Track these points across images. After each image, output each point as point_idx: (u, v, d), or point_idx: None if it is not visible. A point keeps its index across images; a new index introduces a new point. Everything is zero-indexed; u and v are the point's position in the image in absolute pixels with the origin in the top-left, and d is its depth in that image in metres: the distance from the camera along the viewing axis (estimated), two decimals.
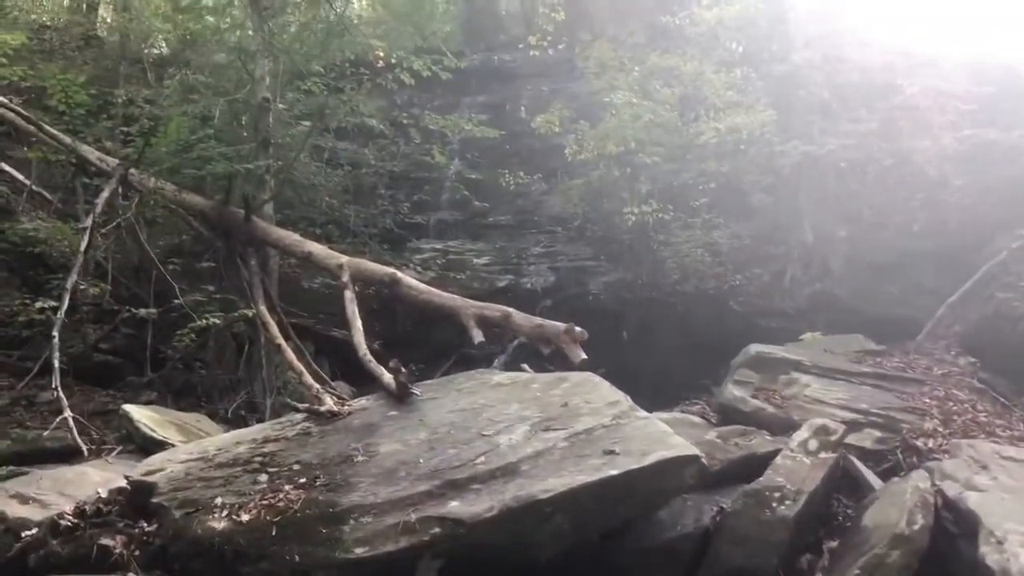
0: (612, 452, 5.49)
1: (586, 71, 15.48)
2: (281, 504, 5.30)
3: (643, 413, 6.21)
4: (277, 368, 10.69)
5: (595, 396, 6.50)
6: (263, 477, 5.76)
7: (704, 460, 5.64)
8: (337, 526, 5.07)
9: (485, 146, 18.22)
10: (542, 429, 5.95)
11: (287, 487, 5.53)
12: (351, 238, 12.50)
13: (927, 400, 8.20)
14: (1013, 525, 5.31)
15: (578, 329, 7.67)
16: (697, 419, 8.67)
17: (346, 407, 7.01)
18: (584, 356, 7.53)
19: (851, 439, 7.30)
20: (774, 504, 5.85)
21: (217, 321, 9.00)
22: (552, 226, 15.94)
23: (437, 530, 4.96)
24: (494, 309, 8.25)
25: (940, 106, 12.13)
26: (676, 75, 13.98)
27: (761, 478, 6.12)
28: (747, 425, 8.00)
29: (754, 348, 9.17)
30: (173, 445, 7.32)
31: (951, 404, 8.14)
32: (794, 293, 12.62)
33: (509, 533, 5.06)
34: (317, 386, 8.33)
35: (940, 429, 7.56)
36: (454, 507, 5.08)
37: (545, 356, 8.18)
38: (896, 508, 5.85)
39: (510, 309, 8.18)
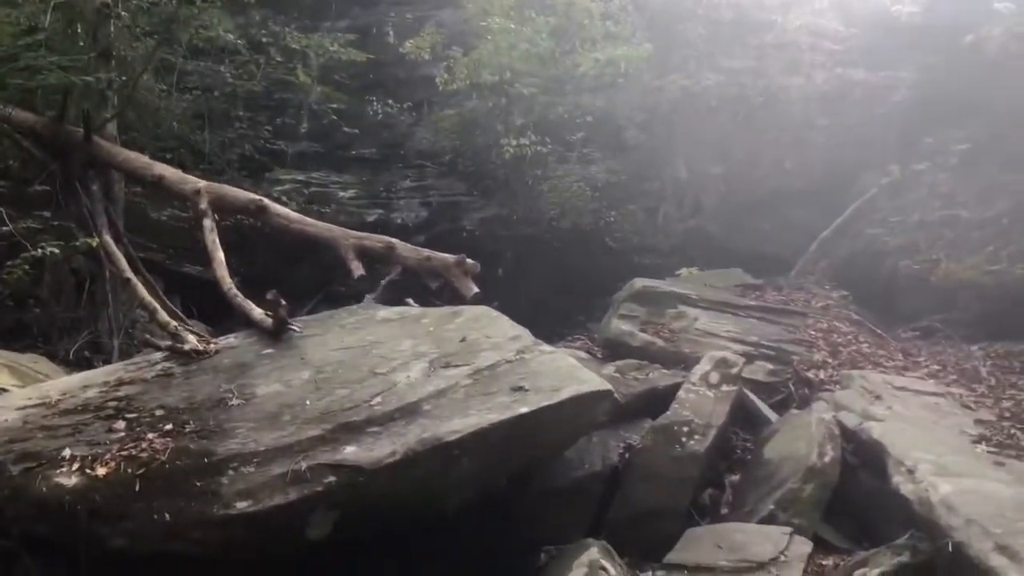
0: (521, 388, 5.02)
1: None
2: (144, 455, 4.53)
3: (548, 347, 5.77)
4: (125, 306, 9.62)
5: (494, 330, 5.99)
6: (120, 424, 4.95)
7: (619, 396, 5.21)
8: (214, 477, 4.37)
9: (349, 74, 17.10)
10: (441, 366, 5.40)
11: (150, 435, 4.75)
12: (205, 164, 11.33)
13: (812, 332, 8.17)
14: (920, 454, 5.21)
15: (470, 261, 7.16)
16: (583, 354, 8.34)
17: (212, 345, 6.22)
18: (477, 289, 7.03)
19: (744, 372, 7.12)
20: (683, 439, 5.58)
21: (55, 251, 7.87)
22: (422, 160, 15.14)
23: (332, 479, 4.34)
24: (376, 240, 7.59)
25: (811, 45, 12.14)
26: (549, 4, 13.41)
27: (668, 412, 5.84)
28: (637, 359, 7.73)
29: (639, 282, 8.89)
30: (6, 390, 6.30)
31: (835, 336, 8.14)
32: (668, 229, 12.49)
33: (413, 480, 4.50)
34: (174, 323, 7.41)
35: (829, 360, 7.52)
36: (350, 453, 4.47)
37: (431, 292, 7.61)
38: (803, 441, 5.68)
39: (394, 240, 7.55)
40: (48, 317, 9.34)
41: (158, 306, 7.90)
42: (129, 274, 8.30)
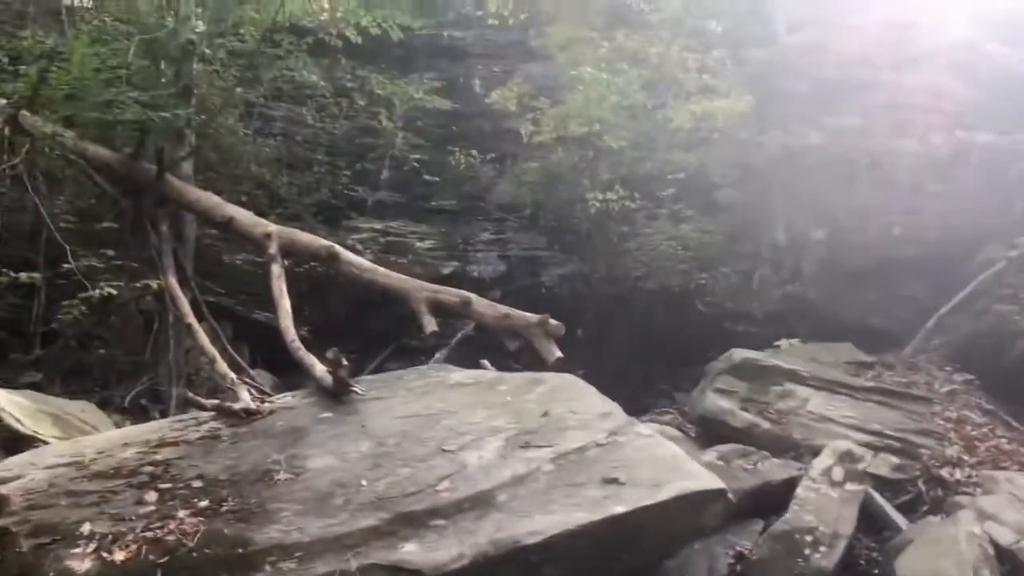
0: (615, 481, 4.17)
1: (545, 50, 14.15)
2: (171, 538, 3.82)
3: (645, 428, 4.92)
4: (189, 352, 9.12)
5: (581, 404, 5.18)
6: (151, 496, 4.26)
7: (731, 495, 4.31)
8: (247, 574, 3.61)
9: (433, 124, 16.78)
10: (520, 445, 4.59)
11: (182, 512, 4.05)
12: (282, 208, 10.85)
13: (940, 422, 7.11)
14: None
15: (553, 321, 6.37)
16: (674, 431, 7.45)
17: (267, 404, 5.54)
18: (560, 354, 6.23)
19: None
20: (807, 551, 4.64)
21: (113, 291, 7.36)
22: (502, 213, 14.53)
23: None
24: (451, 294, 6.87)
25: (927, 106, 11.16)
26: (642, 58, 12.77)
27: (787, 515, 4.89)
28: (736, 442, 6.82)
29: (739, 353, 7.96)
30: (44, 443, 5.71)
31: (968, 428, 7.06)
32: (764, 295, 11.48)
33: None
34: (232, 375, 6.83)
35: (964, 457, 6.46)
36: (410, 552, 3.68)
37: (509, 354, 6.86)
38: (950, 560, 4.68)
39: (471, 295, 6.82)
40: (109, 360, 8.85)
41: (217, 355, 7.37)
42: (191, 319, 7.81)
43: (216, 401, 5.41)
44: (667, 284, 11.49)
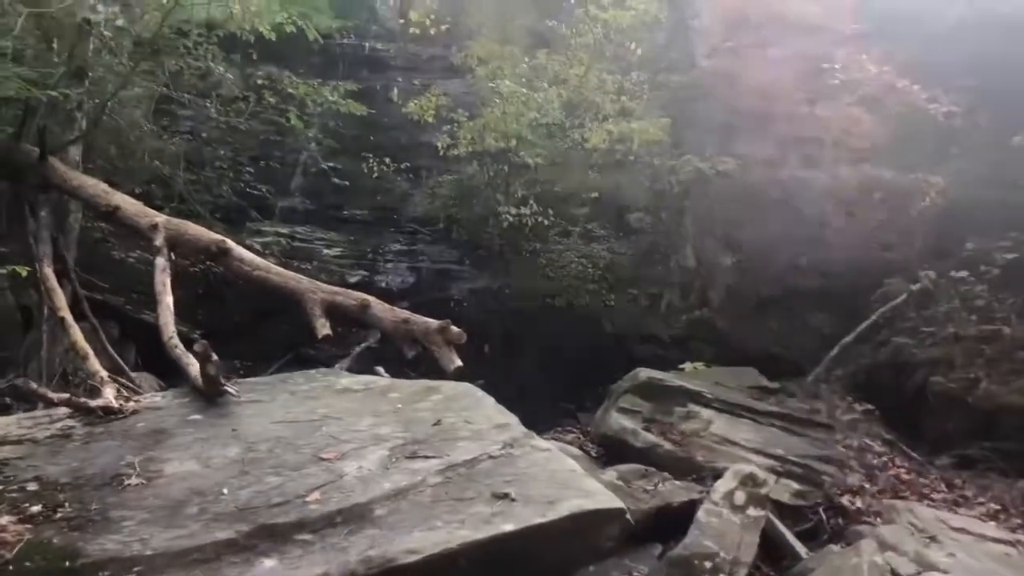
0: (506, 496, 3.77)
1: (466, 65, 13.82)
2: None
3: (543, 442, 4.53)
4: (68, 351, 8.38)
5: (477, 414, 4.76)
6: None
7: (629, 517, 3.95)
8: None
9: (347, 135, 16.32)
10: (406, 456, 4.15)
11: (5, 518, 3.46)
12: (178, 204, 10.15)
13: (842, 449, 6.95)
14: None
15: (454, 328, 5.96)
16: (575, 450, 7.10)
17: (131, 403, 4.95)
18: (459, 363, 5.82)
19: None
20: None
21: None
22: (415, 226, 14.12)
23: None
24: (349, 296, 6.40)
25: (836, 140, 11.24)
26: (562, 79, 12.57)
27: (686, 540, 4.56)
28: (638, 463, 6.51)
29: (644, 373, 7.68)
30: None
31: (869, 456, 6.93)
32: (671, 319, 11.35)
33: None
34: (103, 373, 6.18)
35: (866, 486, 6.28)
36: (268, 569, 3.20)
37: (406, 363, 6.42)
38: None
39: (370, 297, 6.36)
40: None
41: (90, 352, 6.69)
42: (64, 312, 7.12)
43: (66, 395, 4.80)
44: (576, 303, 11.25)
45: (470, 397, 5.05)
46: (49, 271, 7.46)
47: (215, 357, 4.72)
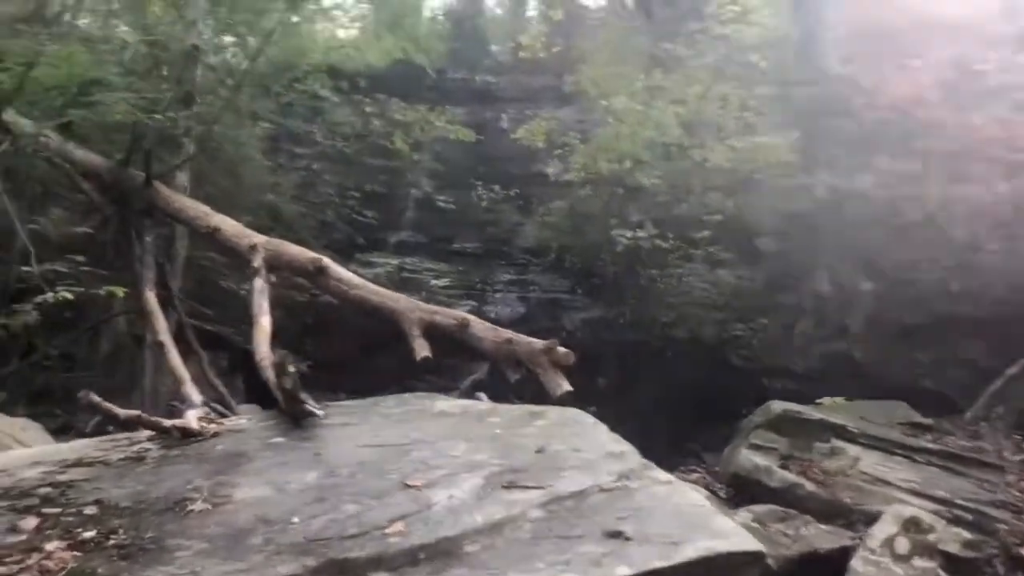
0: (620, 535, 3.16)
1: (578, 87, 13.44)
2: (26, 575, 2.87)
3: (664, 474, 3.89)
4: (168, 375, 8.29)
5: (587, 442, 4.17)
6: (29, 522, 3.32)
7: (771, 561, 3.26)
8: None
9: (458, 166, 16.21)
10: (503, 485, 3.60)
11: (54, 543, 3.10)
12: (284, 231, 10.04)
13: (1017, 493, 5.95)
14: None
15: (562, 348, 5.41)
16: (702, 491, 6.36)
17: (212, 426, 4.60)
18: (569, 388, 5.25)
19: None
20: None
21: (67, 295, 6.50)
22: (527, 256, 13.73)
23: None
24: (448, 315, 5.95)
25: (991, 151, 10.17)
26: (680, 99, 11.97)
27: None
28: (773, 504, 5.75)
29: (778, 405, 6.91)
30: None
31: None
32: (806, 351, 10.43)
33: None
34: (198, 397, 5.94)
35: None
36: None
37: (512, 391, 5.90)
38: None
39: (469, 316, 5.88)
40: (83, 381, 7.99)
41: (187, 377, 6.47)
42: (163, 336, 6.96)
43: (136, 412, 4.49)
44: (699, 333, 10.50)
45: (579, 423, 4.46)
46: (151, 295, 7.35)
47: (292, 369, 4.33)
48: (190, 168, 8.81)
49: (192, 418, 4.63)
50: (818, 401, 8.92)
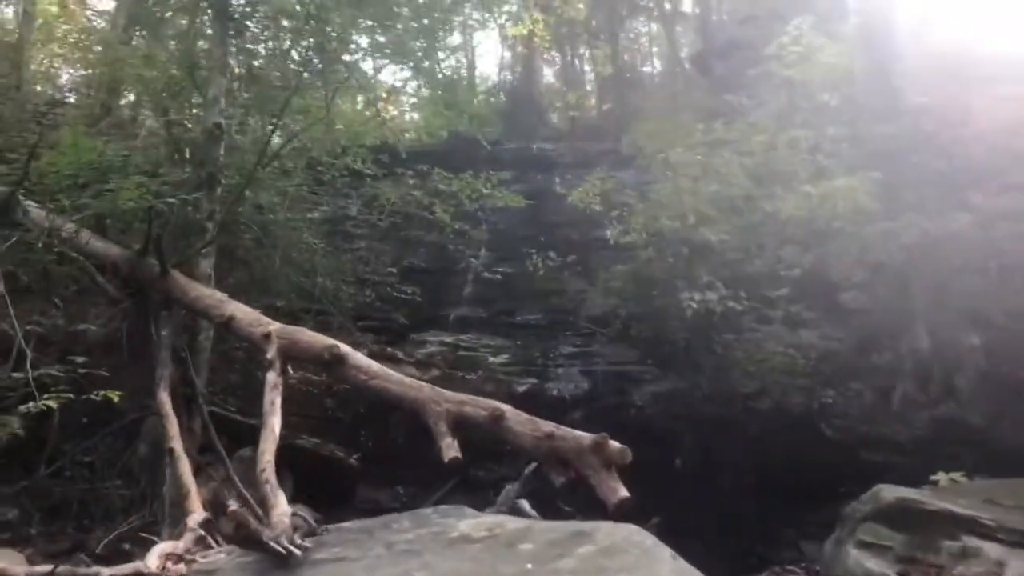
0: None
1: (635, 153, 12.43)
2: None
3: None
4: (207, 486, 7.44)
5: (645, 574, 3.06)
6: None
7: None
8: None
9: (517, 235, 15.36)
10: None
11: None
12: (321, 315, 9.21)
13: None
14: None
15: (615, 444, 4.31)
16: None
17: (178, 566, 3.65)
18: (626, 494, 4.14)
19: None
20: None
21: (50, 405, 5.66)
22: (591, 326, 12.64)
23: None
24: (479, 405, 4.93)
25: None
26: (744, 150, 10.89)
27: None
28: None
29: (889, 492, 5.60)
30: None
31: None
32: (909, 417, 9.02)
33: None
34: (197, 517, 5.04)
35: None
36: None
37: (556, 493, 4.81)
38: None
39: (504, 406, 4.83)
40: (103, 494, 7.22)
41: (193, 490, 5.61)
42: (174, 443, 6.15)
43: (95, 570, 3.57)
44: (785, 403, 9.21)
45: (636, 549, 3.36)
46: (165, 396, 6.56)
47: (291, 512, 3.38)
48: (217, 254, 8.12)
49: (153, 559, 3.69)
50: (933, 479, 7.52)
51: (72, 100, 12.75)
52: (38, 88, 12.60)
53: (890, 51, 9.99)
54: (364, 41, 10.47)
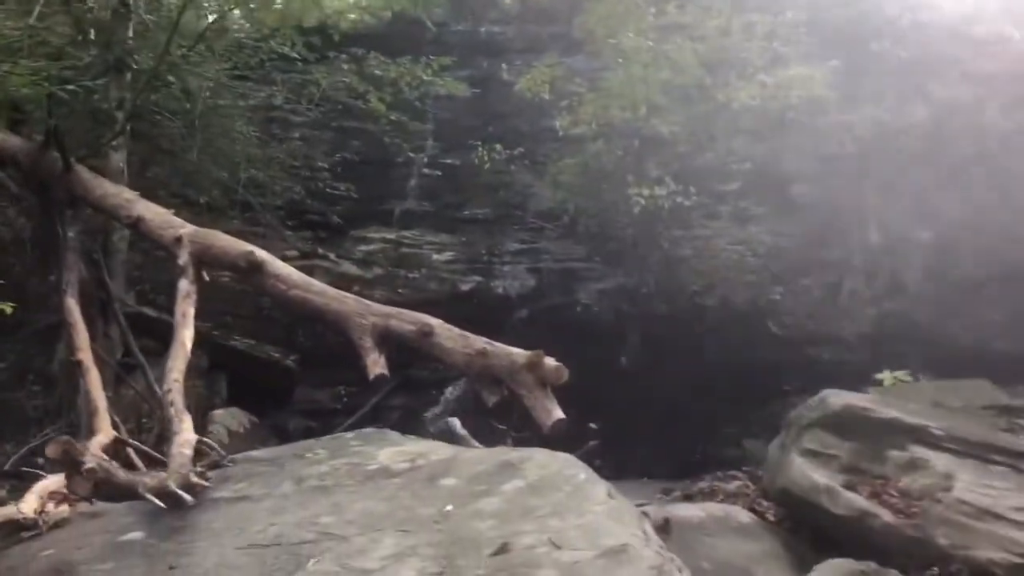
0: None
1: (587, 38, 11.69)
2: None
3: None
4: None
5: (574, 522, 2.73)
6: None
7: None
8: None
9: (462, 126, 14.63)
10: None
11: None
12: (240, 211, 8.54)
13: None
14: None
15: (551, 362, 3.95)
16: (745, 517, 4.94)
17: (58, 509, 3.24)
18: (561, 415, 3.81)
19: None
20: None
21: None
22: (541, 221, 12.16)
23: None
24: (405, 319, 4.49)
25: None
26: (698, 35, 10.25)
27: None
28: (838, 534, 4.33)
29: (835, 398, 5.35)
30: None
31: None
32: (856, 313, 8.85)
33: None
34: (100, 441, 4.62)
35: None
36: None
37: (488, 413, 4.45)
38: None
39: (433, 320, 4.41)
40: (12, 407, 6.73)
41: (101, 407, 5.16)
42: (83, 354, 5.65)
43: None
44: (732, 300, 8.96)
45: (568, 485, 3.02)
46: (72, 303, 6.00)
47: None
48: (137, 145, 7.43)
49: (31, 500, 3.26)
50: (878, 376, 7.39)
51: None
52: None
53: None
54: None
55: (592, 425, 5.99)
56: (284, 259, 6.79)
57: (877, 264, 8.98)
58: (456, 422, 4.80)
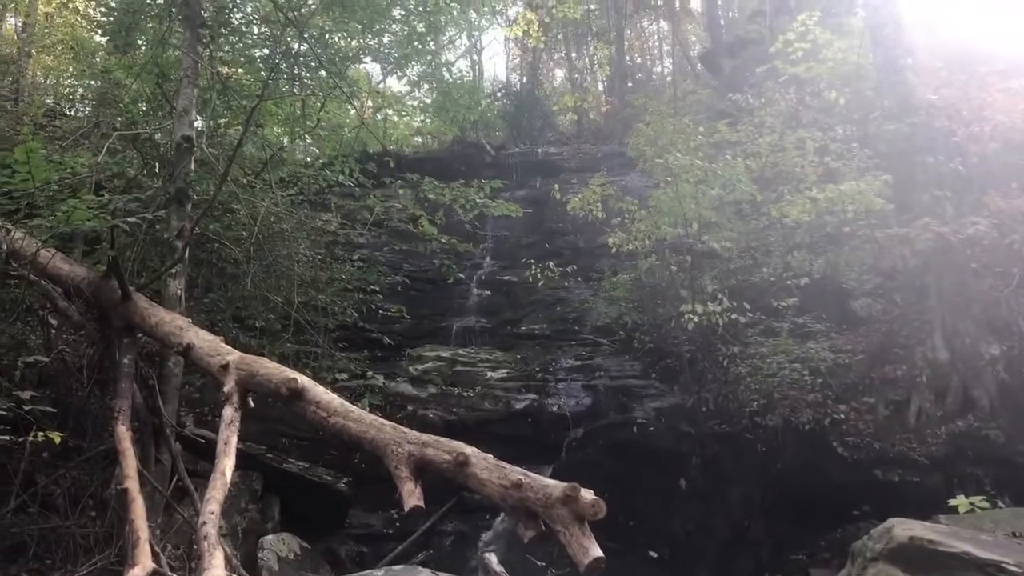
0: None
1: (637, 156, 11.88)
2: None
3: None
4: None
5: None
6: None
7: None
8: None
9: (521, 244, 14.92)
10: None
11: None
12: (303, 335, 8.67)
13: None
14: None
15: (588, 495, 3.77)
16: None
17: None
18: (599, 554, 3.62)
19: None
20: None
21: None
22: (596, 336, 12.12)
23: None
24: (443, 448, 4.40)
25: None
26: (750, 152, 10.33)
27: None
28: None
29: (901, 529, 5.01)
30: None
31: None
32: (926, 433, 8.39)
33: None
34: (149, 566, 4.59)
35: None
36: None
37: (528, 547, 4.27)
38: None
39: (468, 449, 4.30)
40: (61, 535, 6.74)
41: (143, 535, 5.13)
42: (129, 483, 5.66)
43: None
44: (794, 420, 8.61)
45: None
46: (123, 429, 6.07)
47: None
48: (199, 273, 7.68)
49: None
50: (951, 502, 6.92)
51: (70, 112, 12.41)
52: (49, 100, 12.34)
53: (899, 45, 9.36)
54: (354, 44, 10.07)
55: (652, 553, 5.72)
56: (335, 380, 6.80)
57: (946, 380, 8.57)
58: (493, 558, 4.61)
